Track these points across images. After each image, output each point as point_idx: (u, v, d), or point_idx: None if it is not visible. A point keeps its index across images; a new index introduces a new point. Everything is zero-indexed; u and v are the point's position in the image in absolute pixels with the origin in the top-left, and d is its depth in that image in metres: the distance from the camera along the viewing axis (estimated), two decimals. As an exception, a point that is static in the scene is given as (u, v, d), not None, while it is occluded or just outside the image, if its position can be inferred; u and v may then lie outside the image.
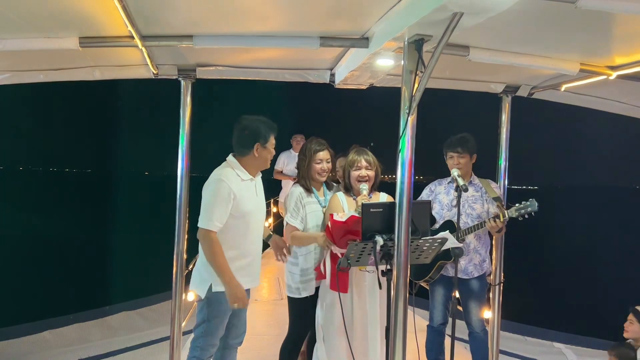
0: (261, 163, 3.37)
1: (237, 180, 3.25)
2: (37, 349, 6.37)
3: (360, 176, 3.42)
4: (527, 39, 2.88)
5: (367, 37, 3.01)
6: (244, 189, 3.27)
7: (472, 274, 3.97)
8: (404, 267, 2.66)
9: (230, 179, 3.22)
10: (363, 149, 3.55)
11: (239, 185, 3.24)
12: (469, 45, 2.96)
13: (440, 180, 4.19)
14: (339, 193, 3.53)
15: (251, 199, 3.32)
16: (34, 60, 3.43)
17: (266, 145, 3.31)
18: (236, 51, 3.45)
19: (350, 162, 3.48)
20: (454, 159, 3.97)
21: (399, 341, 2.67)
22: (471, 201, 3.97)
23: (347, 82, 3.82)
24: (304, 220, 3.54)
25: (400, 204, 2.63)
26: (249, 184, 3.32)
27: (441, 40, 2.31)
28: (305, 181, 3.61)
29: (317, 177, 3.59)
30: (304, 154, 3.64)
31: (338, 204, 3.45)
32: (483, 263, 4.02)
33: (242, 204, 3.23)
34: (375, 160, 3.51)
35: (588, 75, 3.30)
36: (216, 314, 3.30)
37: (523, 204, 3.77)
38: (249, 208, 3.28)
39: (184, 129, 3.81)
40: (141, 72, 3.78)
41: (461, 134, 4.05)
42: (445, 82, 3.99)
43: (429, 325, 4.14)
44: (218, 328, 3.33)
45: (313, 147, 3.60)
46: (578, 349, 6.88)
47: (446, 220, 3.97)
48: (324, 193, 3.68)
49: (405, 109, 2.57)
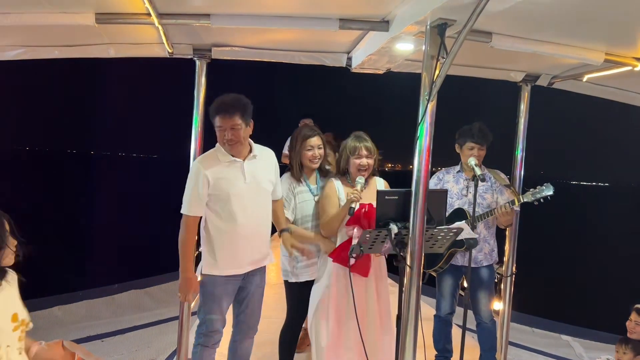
0: (222, 144, 3.18)
1: (215, 162, 3.15)
2: (47, 324, 6.43)
3: (361, 165, 3.37)
4: (550, 26, 2.80)
5: (387, 21, 2.95)
6: (226, 171, 3.14)
7: (482, 262, 3.95)
8: (418, 255, 2.63)
9: (206, 162, 3.15)
10: (363, 136, 3.47)
11: (218, 167, 3.13)
12: (491, 32, 2.88)
13: (448, 169, 4.14)
14: (334, 179, 3.47)
15: (237, 181, 3.15)
16: (49, 35, 3.39)
17: (215, 127, 3.15)
18: (252, 32, 3.39)
19: (351, 149, 3.41)
20: (474, 150, 3.92)
21: (410, 330, 2.66)
22: (482, 191, 3.92)
23: (364, 66, 3.75)
24: (294, 211, 3.48)
25: (416, 193, 2.60)
26: (234, 165, 3.16)
27: (466, 25, 2.26)
28: (295, 169, 3.51)
29: (308, 164, 3.48)
30: (294, 140, 3.52)
31: (333, 192, 3.40)
32: (492, 252, 4.01)
33: (222, 186, 3.12)
34: (374, 147, 3.45)
35: (612, 65, 3.21)
36: (208, 298, 3.22)
37: (538, 188, 3.73)
38: (233, 191, 3.13)
39: (198, 110, 3.77)
40: (156, 51, 3.74)
41: (479, 124, 3.97)
42: (465, 69, 3.92)
43: (436, 315, 4.12)
44: (212, 313, 3.22)
45: (303, 133, 3.48)
46: (585, 342, 6.86)
47: (456, 208, 3.94)
48: (316, 180, 3.58)
49: (425, 95, 2.53)
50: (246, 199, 3.17)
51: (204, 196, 3.10)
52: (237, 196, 3.14)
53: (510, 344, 4.44)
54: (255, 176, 3.21)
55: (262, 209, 3.29)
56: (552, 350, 6.37)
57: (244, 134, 3.12)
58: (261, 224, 3.29)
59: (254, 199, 3.21)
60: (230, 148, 3.13)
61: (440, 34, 2.48)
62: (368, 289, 3.38)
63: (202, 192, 3.09)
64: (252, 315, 3.40)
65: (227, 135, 3.08)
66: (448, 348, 4.12)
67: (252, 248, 3.25)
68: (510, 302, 4.15)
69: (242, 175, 3.16)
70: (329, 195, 3.40)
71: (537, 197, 3.72)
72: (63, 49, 3.59)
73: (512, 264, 4.10)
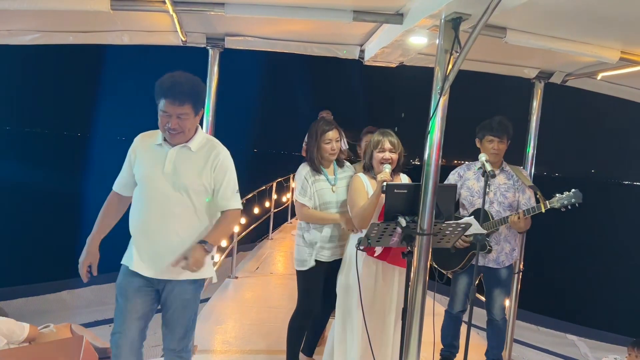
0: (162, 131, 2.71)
1: (147, 142, 2.79)
2: (56, 308, 6.52)
3: (384, 159, 3.36)
4: (566, 23, 2.77)
5: (401, 14, 2.94)
6: (150, 154, 2.76)
7: (504, 263, 3.85)
8: (426, 249, 2.64)
9: (142, 139, 2.82)
10: (388, 131, 3.47)
11: (145, 148, 2.78)
12: (506, 27, 2.87)
13: (469, 165, 3.99)
14: (360, 174, 3.48)
15: (154, 168, 2.71)
16: (64, 21, 3.41)
17: (159, 109, 2.65)
18: (266, 22, 3.39)
19: (375, 143, 3.41)
20: (494, 143, 3.75)
21: (415, 324, 2.67)
22: (503, 189, 3.80)
23: (376, 59, 3.75)
24: (312, 198, 3.50)
25: (426, 187, 2.60)
26: (160, 149, 2.73)
27: (481, 19, 2.23)
28: (314, 162, 3.54)
29: (327, 156, 3.53)
30: (312, 134, 3.57)
31: (361, 185, 3.41)
32: (513, 252, 3.90)
33: (138, 168, 2.76)
34: (399, 143, 3.45)
35: (628, 64, 3.18)
36: (117, 291, 2.80)
37: (566, 195, 3.53)
38: (146, 176, 2.73)
39: (210, 99, 3.79)
40: (170, 39, 3.75)
41: (499, 118, 3.83)
42: (478, 64, 3.90)
43: (447, 311, 4.09)
44: (120, 308, 2.75)
45: (321, 127, 3.52)
46: (591, 342, 6.86)
47: (477, 208, 3.77)
48: (334, 171, 3.62)
49: (437, 89, 2.52)
50: (158, 191, 2.70)
51: (127, 174, 2.81)
52: (148, 184, 2.74)
53: (515, 341, 4.45)
54: (178, 169, 2.71)
55: (178, 208, 2.71)
56: (557, 349, 6.38)
57: (190, 125, 2.69)
58: (171, 227, 2.71)
59: (168, 194, 2.70)
60: (170, 137, 2.69)
61: (455, 28, 2.46)
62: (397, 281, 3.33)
63: (126, 168, 2.82)
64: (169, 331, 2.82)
65: (170, 124, 2.62)
66: (455, 344, 4.11)
67: (156, 252, 2.73)
68: (517, 299, 4.15)
69: (162, 163, 2.71)
70: (358, 188, 3.40)
71: (564, 204, 3.51)
72: (78, 35, 3.60)
73: (520, 261, 4.09)
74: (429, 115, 2.55)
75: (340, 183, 3.57)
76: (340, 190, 3.55)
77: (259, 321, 4.99)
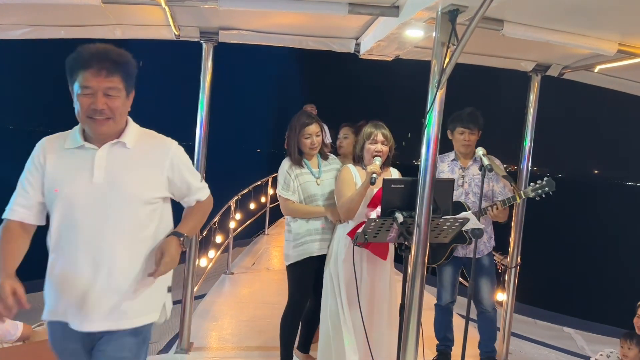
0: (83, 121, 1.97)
1: (58, 147, 2.04)
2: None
3: (376, 150, 3.34)
4: (563, 15, 2.74)
5: (397, 6, 2.90)
6: (67, 161, 2.01)
7: (483, 252, 3.89)
8: (423, 245, 2.61)
9: (47, 145, 2.06)
10: (380, 123, 3.44)
11: (58, 155, 2.03)
12: (503, 20, 2.83)
13: (442, 156, 3.97)
14: (350, 165, 3.45)
15: (77, 179, 1.98)
16: (55, 15, 3.35)
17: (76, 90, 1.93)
18: (260, 15, 3.35)
19: (367, 134, 3.38)
20: (465, 134, 3.81)
21: (413, 319, 2.65)
22: (477, 180, 3.80)
23: (372, 52, 3.71)
24: (296, 191, 3.47)
25: (423, 181, 2.58)
26: (82, 153, 2.01)
27: (478, 12, 2.20)
28: (293, 155, 3.48)
29: (307, 151, 3.48)
30: (292, 128, 3.50)
31: (350, 177, 3.38)
32: (490, 240, 3.95)
33: (52, 182, 2.00)
34: (391, 137, 3.43)
35: (626, 56, 3.15)
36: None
37: (539, 184, 3.65)
38: (66, 192, 1.97)
39: (204, 94, 3.75)
40: (163, 33, 3.70)
41: (469, 109, 3.86)
42: (474, 57, 3.87)
43: (437, 304, 4.08)
44: None
45: (301, 121, 3.46)
46: (588, 335, 6.87)
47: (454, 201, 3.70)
48: (317, 164, 3.57)
49: (434, 83, 2.49)
50: (88, 213, 1.96)
51: (33, 195, 2.02)
52: (71, 204, 1.97)
53: (513, 334, 4.43)
54: (116, 176, 2.00)
55: (117, 234, 2.00)
56: (555, 342, 6.38)
57: (122, 109, 2.00)
58: (107, 260, 1.98)
59: (103, 214, 1.97)
60: (95, 126, 1.96)
61: (452, 20, 2.44)
62: (382, 273, 3.34)
63: (30, 186, 2.02)
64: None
65: (96, 104, 1.91)
66: (449, 337, 4.10)
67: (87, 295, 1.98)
68: (514, 293, 4.14)
69: (88, 171, 1.98)
70: (346, 179, 3.37)
71: (538, 193, 3.63)
72: (69, 29, 3.55)
73: (516, 255, 4.08)
74: (426, 109, 2.52)
75: (325, 176, 3.53)
76: (326, 182, 3.51)
77: (255, 317, 4.96)
